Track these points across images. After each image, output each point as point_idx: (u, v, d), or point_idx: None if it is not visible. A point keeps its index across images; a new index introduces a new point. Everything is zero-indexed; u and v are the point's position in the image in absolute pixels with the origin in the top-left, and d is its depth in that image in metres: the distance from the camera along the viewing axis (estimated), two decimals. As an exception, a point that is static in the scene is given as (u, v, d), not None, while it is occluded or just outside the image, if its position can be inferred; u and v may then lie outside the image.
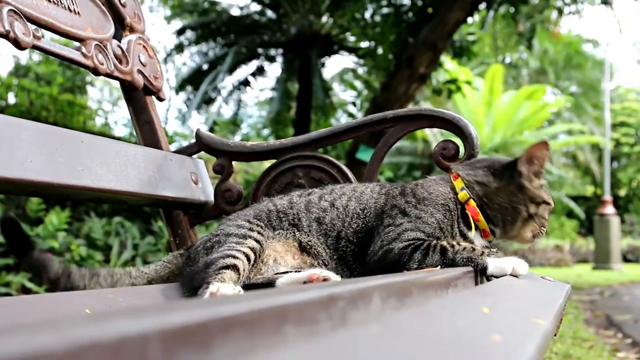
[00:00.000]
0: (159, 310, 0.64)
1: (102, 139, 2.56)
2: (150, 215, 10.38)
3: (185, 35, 18.97)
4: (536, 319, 1.17)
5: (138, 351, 0.54)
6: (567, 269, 23.69)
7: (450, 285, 1.67)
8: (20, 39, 2.33)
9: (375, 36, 12.55)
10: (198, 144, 3.11)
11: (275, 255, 2.33)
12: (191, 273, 2.28)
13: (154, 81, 3.13)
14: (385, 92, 11.87)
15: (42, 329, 0.51)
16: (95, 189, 2.38)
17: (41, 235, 8.35)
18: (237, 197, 3.01)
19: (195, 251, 2.38)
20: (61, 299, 2.07)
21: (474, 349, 0.82)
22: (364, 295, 1.04)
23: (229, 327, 0.66)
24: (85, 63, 2.67)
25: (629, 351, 6.34)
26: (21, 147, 2.11)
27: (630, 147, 38.24)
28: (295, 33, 18.43)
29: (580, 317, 8.87)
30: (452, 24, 11.11)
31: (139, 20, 3.17)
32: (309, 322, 0.83)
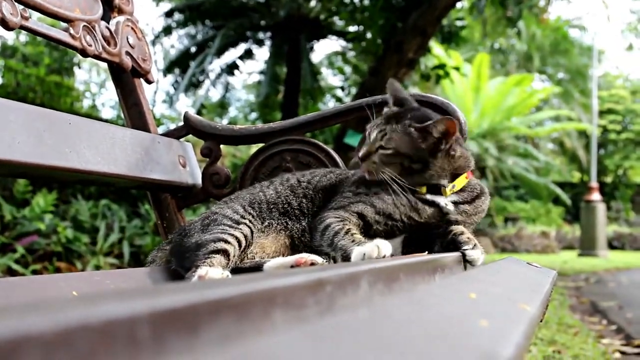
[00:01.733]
0: (148, 293, 0.63)
1: (89, 121, 2.55)
2: (137, 198, 10.37)
3: (173, 17, 18.89)
4: (523, 305, 1.17)
5: (127, 333, 0.54)
6: (553, 255, 23.79)
7: (438, 270, 1.67)
8: (8, 19, 2.31)
9: (364, 20, 12.52)
10: (186, 127, 3.10)
11: (262, 254, 2.32)
12: (183, 246, 2.30)
13: (142, 63, 3.11)
14: (374, 76, 11.85)
15: (30, 311, 0.51)
16: (82, 171, 2.37)
17: (28, 217, 8.35)
18: (225, 181, 3.00)
19: (192, 225, 2.39)
20: (47, 281, 2.07)
21: (462, 334, 0.82)
22: (352, 280, 1.04)
23: (218, 311, 0.66)
24: (73, 44, 2.66)
25: (614, 337, 6.37)
26: (8, 129, 2.10)
27: (617, 134, 38.36)
28: (283, 16, 18.39)
29: (565, 303, 8.91)
30: (441, 9, 11.09)
31: (127, 2, 3.15)
32: (296, 306, 0.83)
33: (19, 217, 8.40)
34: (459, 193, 2.37)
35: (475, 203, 2.38)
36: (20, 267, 7.67)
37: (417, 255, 1.96)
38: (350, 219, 2.24)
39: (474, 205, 2.38)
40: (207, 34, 19.31)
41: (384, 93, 2.58)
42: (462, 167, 2.39)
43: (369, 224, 2.27)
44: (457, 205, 2.34)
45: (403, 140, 2.29)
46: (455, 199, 2.35)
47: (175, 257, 2.37)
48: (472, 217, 2.37)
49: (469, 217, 2.36)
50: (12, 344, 0.45)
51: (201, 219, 2.40)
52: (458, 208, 2.34)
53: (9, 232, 8.19)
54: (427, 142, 2.29)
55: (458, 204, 2.34)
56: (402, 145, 2.28)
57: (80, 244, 8.48)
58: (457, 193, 2.36)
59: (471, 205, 2.37)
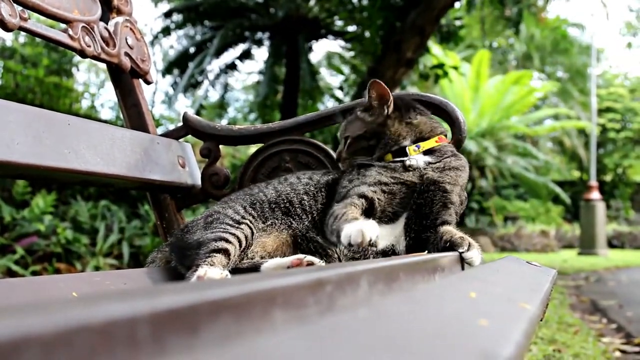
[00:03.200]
0: (148, 293, 0.63)
1: (88, 121, 2.55)
2: (137, 199, 10.38)
3: (172, 18, 18.89)
4: (523, 304, 1.17)
5: (126, 333, 0.54)
6: (552, 254, 23.79)
7: (437, 270, 1.67)
8: (7, 20, 2.31)
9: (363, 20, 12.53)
10: (185, 128, 3.10)
11: (263, 253, 2.33)
12: (184, 243, 2.31)
13: (141, 64, 3.11)
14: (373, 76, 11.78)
15: (30, 311, 0.51)
16: (81, 171, 2.37)
17: (27, 218, 8.35)
18: (224, 181, 3.00)
19: (195, 222, 2.40)
20: (47, 282, 2.07)
21: (461, 333, 0.82)
22: (352, 280, 1.04)
23: (217, 311, 0.66)
24: (72, 45, 2.66)
25: (614, 336, 6.37)
26: (7, 129, 2.10)
27: (616, 132, 38.34)
28: (282, 16, 18.39)
29: (565, 302, 8.91)
30: (440, 9, 11.09)
31: (126, 3, 3.15)
32: (296, 306, 0.83)
33: (19, 218, 8.40)
34: (429, 154, 2.43)
35: (444, 160, 2.43)
36: (20, 268, 7.67)
37: (416, 254, 1.97)
38: (353, 202, 2.27)
39: (444, 161, 2.42)
40: (206, 35, 19.33)
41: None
42: (427, 132, 2.49)
43: (370, 200, 2.30)
44: (429, 165, 2.40)
45: (355, 125, 2.51)
46: (426, 158, 2.41)
47: (175, 254, 2.38)
48: (446, 172, 2.39)
49: (443, 173, 2.38)
50: (12, 344, 0.45)
51: (204, 217, 2.41)
52: (430, 165, 2.39)
53: (8, 233, 8.20)
54: (374, 115, 2.48)
55: (430, 164, 2.40)
56: (355, 129, 2.50)
57: (80, 244, 8.48)
58: (427, 154, 2.43)
59: (441, 162, 2.42)
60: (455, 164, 2.43)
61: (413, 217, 2.32)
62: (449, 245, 2.17)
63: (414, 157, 2.39)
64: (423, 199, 2.32)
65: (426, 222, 2.31)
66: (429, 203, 2.31)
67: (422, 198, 2.32)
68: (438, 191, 2.33)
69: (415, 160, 2.37)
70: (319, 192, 2.48)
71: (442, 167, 2.39)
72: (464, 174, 2.46)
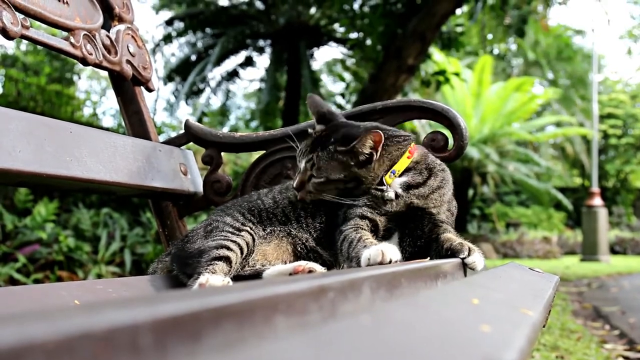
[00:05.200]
0: (150, 301, 0.63)
1: (90, 129, 2.55)
2: (139, 207, 10.38)
3: (173, 25, 18.95)
4: (525, 310, 1.17)
5: (129, 341, 0.54)
6: (555, 260, 23.77)
7: (440, 276, 1.67)
8: (9, 28, 2.32)
9: (364, 27, 12.54)
10: (187, 135, 3.10)
11: (264, 261, 2.32)
12: (185, 252, 2.30)
13: (143, 71, 3.12)
14: (374, 83, 11.87)
15: (33, 319, 0.51)
16: (83, 179, 2.37)
17: (29, 226, 8.36)
18: (226, 188, 3.00)
19: (194, 232, 2.40)
20: (49, 290, 2.07)
21: (464, 339, 0.82)
22: (354, 286, 1.04)
23: (220, 318, 0.66)
24: (74, 53, 2.66)
25: (617, 342, 6.36)
26: (9, 137, 2.10)
27: (618, 138, 38.34)
28: (283, 24, 18.44)
29: (568, 308, 8.90)
30: (441, 15, 11.10)
31: (127, 10, 3.16)
32: (299, 313, 0.83)
33: (20, 226, 8.40)
34: (406, 174, 2.34)
35: (427, 183, 2.34)
36: (22, 276, 7.67)
37: (419, 261, 1.96)
38: (359, 223, 2.24)
39: (427, 185, 2.34)
40: (208, 42, 19.37)
41: (383, 99, 2.57)
42: (397, 154, 2.35)
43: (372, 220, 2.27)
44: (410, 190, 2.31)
45: (332, 166, 2.28)
46: (404, 180, 2.32)
47: (177, 264, 2.37)
48: (430, 196, 2.32)
49: (427, 199, 2.32)
50: (15, 351, 0.45)
51: (204, 226, 2.40)
52: (412, 192, 2.31)
53: (10, 241, 8.20)
54: (357, 159, 2.28)
55: (410, 187, 2.32)
56: (332, 171, 2.28)
57: (82, 252, 8.48)
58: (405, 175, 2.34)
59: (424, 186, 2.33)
60: (437, 182, 2.36)
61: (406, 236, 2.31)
62: (450, 252, 2.16)
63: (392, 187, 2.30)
64: (412, 222, 2.30)
65: (420, 242, 2.29)
66: (419, 225, 2.29)
67: (412, 222, 2.30)
68: (425, 215, 2.30)
69: (392, 192, 2.29)
70: (317, 208, 2.45)
71: (425, 193, 2.32)
72: (447, 187, 2.40)
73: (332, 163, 2.28)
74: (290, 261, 2.34)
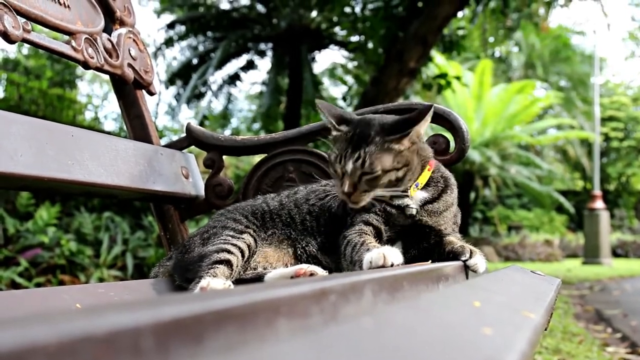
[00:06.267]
0: (152, 304, 0.64)
1: (92, 132, 2.55)
2: (141, 210, 10.38)
3: (175, 29, 18.95)
4: (527, 313, 1.17)
5: (131, 344, 0.54)
6: (557, 263, 23.76)
7: (441, 279, 1.67)
8: (10, 32, 2.32)
9: (365, 30, 12.53)
10: (189, 138, 3.10)
11: (266, 264, 2.32)
12: (185, 262, 2.30)
13: (144, 75, 3.12)
14: (376, 86, 11.86)
15: (35, 322, 0.51)
16: (85, 183, 2.37)
17: (31, 230, 8.35)
18: (228, 192, 3.01)
19: (191, 240, 2.39)
20: (51, 294, 2.07)
21: (465, 342, 0.82)
22: (356, 289, 1.04)
23: (221, 321, 0.66)
24: (76, 57, 2.67)
25: (619, 345, 6.36)
26: (11, 141, 2.10)
27: (620, 141, 38.30)
28: (285, 27, 18.44)
29: (570, 311, 8.90)
30: (442, 18, 11.09)
31: (129, 14, 3.16)
32: (301, 315, 0.83)
33: (22, 230, 8.40)
34: (425, 189, 2.32)
35: (443, 198, 2.34)
36: (24, 280, 7.67)
37: (420, 264, 1.96)
38: (363, 229, 2.23)
39: (443, 200, 2.33)
40: (209, 46, 19.37)
41: (385, 102, 2.55)
42: (427, 157, 2.33)
43: (377, 227, 2.26)
44: (425, 205, 2.30)
45: (385, 157, 2.20)
46: (423, 196, 2.31)
47: (178, 273, 2.36)
48: (443, 214, 2.32)
49: (440, 216, 2.31)
50: (17, 354, 0.45)
51: (200, 233, 2.40)
52: (426, 208, 2.30)
53: (12, 245, 8.20)
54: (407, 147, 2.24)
55: (426, 203, 2.30)
56: (386, 162, 2.20)
57: (84, 256, 8.48)
58: (424, 189, 2.32)
59: (439, 201, 2.32)
60: (451, 199, 2.37)
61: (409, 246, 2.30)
62: (452, 255, 2.16)
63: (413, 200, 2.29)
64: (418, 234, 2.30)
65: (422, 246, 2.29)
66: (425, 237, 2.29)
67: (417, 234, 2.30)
68: (433, 230, 2.30)
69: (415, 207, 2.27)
70: (323, 213, 2.45)
71: (439, 210, 2.32)
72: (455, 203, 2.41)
73: (384, 154, 2.20)
74: (291, 264, 2.34)
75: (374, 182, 2.20)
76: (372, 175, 2.18)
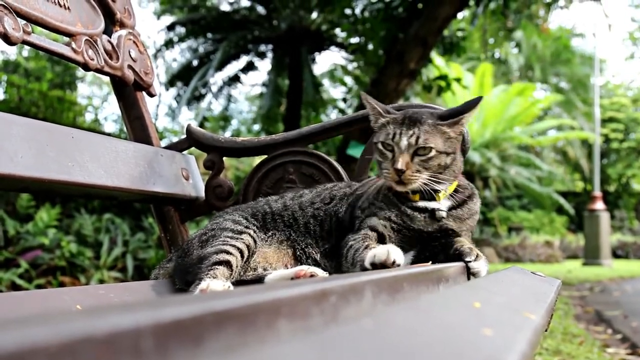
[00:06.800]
0: (152, 305, 0.64)
1: (92, 134, 2.55)
2: (141, 212, 10.39)
3: (175, 31, 18.96)
4: (527, 314, 1.17)
5: (131, 345, 0.54)
6: (557, 264, 23.75)
7: (442, 280, 1.67)
8: (10, 34, 2.32)
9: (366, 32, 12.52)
10: (189, 140, 3.10)
11: (266, 265, 2.33)
12: (184, 265, 2.30)
13: (145, 77, 3.12)
14: (376, 87, 11.84)
15: (36, 323, 0.51)
16: (85, 184, 2.37)
17: (31, 231, 8.36)
18: (228, 193, 3.01)
19: (189, 243, 2.39)
20: (51, 295, 2.07)
21: (466, 343, 0.82)
22: (356, 290, 1.04)
23: (222, 322, 0.66)
24: (76, 58, 2.67)
25: (619, 347, 6.36)
26: (11, 143, 2.10)
27: (620, 142, 38.28)
28: (285, 29, 18.45)
29: (570, 312, 8.90)
30: (442, 20, 11.09)
31: (129, 16, 3.16)
32: (301, 317, 0.83)
33: (23, 232, 8.40)
34: (451, 196, 2.34)
35: (468, 205, 2.36)
36: (24, 282, 7.67)
37: (421, 265, 1.96)
38: (368, 234, 2.24)
39: (467, 208, 2.35)
40: (209, 47, 19.38)
41: (386, 104, 2.55)
42: (460, 169, 2.38)
43: (381, 235, 2.27)
44: (450, 210, 2.32)
45: (438, 138, 2.24)
46: (449, 203, 2.32)
47: (178, 277, 2.36)
48: (466, 221, 2.35)
49: (463, 222, 2.33)
50: (18, 355, 0.45)
51: (198, 236, 2.40)
52: (451, 213, 2.32)
53: (12, 247, 8.20)
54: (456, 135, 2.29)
55: (451, 208, 2.32)
56: (439, 143, 2.23)
57: (84, 258, 8.48)
58: (449, 196, 2.33)
59: (463, 208, 2.34)
60: (476, 207, 2.40)
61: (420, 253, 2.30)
62: (457, 253, 2.16)
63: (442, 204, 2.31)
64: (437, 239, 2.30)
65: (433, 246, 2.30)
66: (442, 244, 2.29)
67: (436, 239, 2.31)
68: (452, 236, 2.30)
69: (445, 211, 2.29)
70: (327, 218, 2.46)
71: (464, 216, 2.34)
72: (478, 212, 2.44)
73: (437, 135, 2.24)
74: (291, 264, 2.35)
75: (426, 162, 2.22)
76: (425, 154, 2.22)
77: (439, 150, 2.22)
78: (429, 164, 2.22)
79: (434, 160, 2.22)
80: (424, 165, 2.22)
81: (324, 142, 15.43)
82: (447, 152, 2.25)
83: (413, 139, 2.21)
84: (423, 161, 2.21)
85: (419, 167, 2.21)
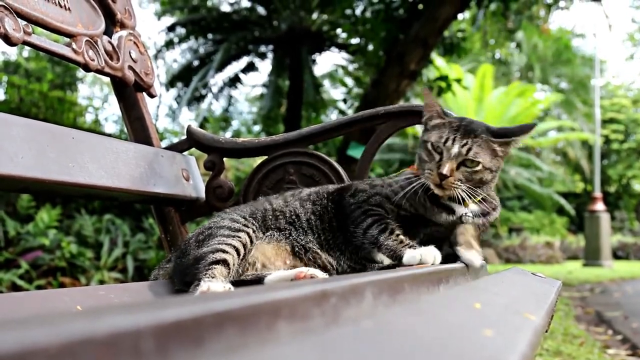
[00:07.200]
0: (152, 306, 0.63)
1: (92, 135, 2.55)
2: (141, 213, 10.38)
3: (175, 31, 18.93)
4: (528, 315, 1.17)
5: (131, 346, 0.54)
6: (557, 265, 23.75)
7: (442, 281, 1.67)
8: (11, 34, 2.32)
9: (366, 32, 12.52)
10: (189, 140, 3.10)
11: (265, 260, 2.33)
12: (182, 266, 2.30)
13: (145, 77, 3.12)
14: (376, 88, 11.84)
15: (36, 325, 0.51)
16: (86, 185, 2.37)
17: (31, 232, 8.36)
18: (229, 194, 3.00)
19: (187, 243, 2.39)
20: (52, 296, 2.07)
21: (466, 344, 0.82)
22: (356, 291, 1.04)
23: (222, 323, 0.66)
24: (76, 59, 2.67)
25: (620, 348, 6.36)
26: (11, 143, 2.10)
27: (620, 143, 38.29)
28: (285, 29, 18.43)
29: (570, 313, 8.90)
30: (443, 20, 11.08)
31: (129, 16, 3.16)
32: (301, 318, 0.83)
33: (23, 232, 8.40)
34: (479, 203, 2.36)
35: (489, 217, 2.39)
36: (25, 282, 7.67)
37: (421, 266, 1.97)
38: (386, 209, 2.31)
39: (487, 219, 2.38)
40: (209, 48, 19.35)
41: (385, 104, 2.56)
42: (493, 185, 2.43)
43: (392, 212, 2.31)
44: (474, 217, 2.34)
45: (488, 155, 2.28)
46: (476, 209, 2.35)
47: (177, 278, 2.36)
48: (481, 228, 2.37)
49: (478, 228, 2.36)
50: (17, 356, 0.45)
51: (195, 235, 2.39)
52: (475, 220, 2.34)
53: (13, 247, 8.20)
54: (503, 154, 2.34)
55: (476, 215, 2.34)
56: (487, 159, 2.27)
57: (84, 258, 8.48)
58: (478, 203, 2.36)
59: (485, 218, 2.37)
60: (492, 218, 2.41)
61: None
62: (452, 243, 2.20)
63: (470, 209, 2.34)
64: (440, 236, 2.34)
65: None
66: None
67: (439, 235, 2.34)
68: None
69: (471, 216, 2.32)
70: (325, 211, 2.47)
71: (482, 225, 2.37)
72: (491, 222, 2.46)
73: (488, 151, 2.29)
74: (290, 260, 2.35)
75: (470, 175, 2.26)
76: (472, 167, 2.26)
77: (485, 166, 2.27)
78: (472, 176, 2.26)
79: (478, 174, 2.26)
80: (467, 177, 2.26)
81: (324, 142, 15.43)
82: (491, 170, 2.30)
83: (464, 149, 2.24)
84: (468, 173, 2.25)
85: (461, 177, 2.25)
